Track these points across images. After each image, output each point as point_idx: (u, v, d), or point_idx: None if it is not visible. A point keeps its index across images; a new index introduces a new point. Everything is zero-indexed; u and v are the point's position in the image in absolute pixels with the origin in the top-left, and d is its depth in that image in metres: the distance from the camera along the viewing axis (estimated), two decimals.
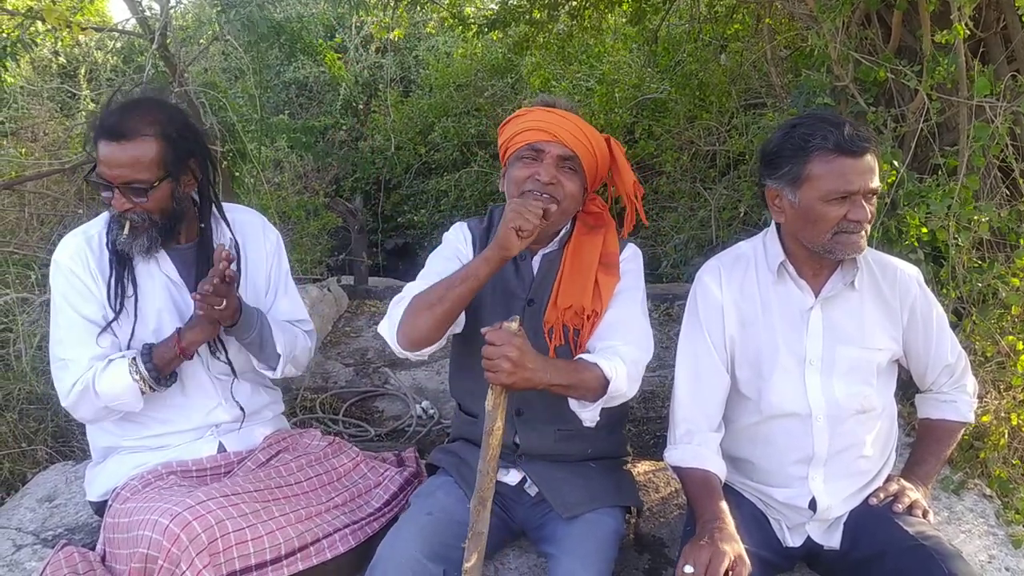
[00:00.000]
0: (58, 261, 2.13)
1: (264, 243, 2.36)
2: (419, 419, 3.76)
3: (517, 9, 5.72)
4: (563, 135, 2.02)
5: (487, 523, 1.77)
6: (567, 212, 2.10)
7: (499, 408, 1.75)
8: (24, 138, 5.64)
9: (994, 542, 2.33)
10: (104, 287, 2.12)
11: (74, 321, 2.10)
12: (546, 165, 2.02)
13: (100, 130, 2.00)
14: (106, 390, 2.07)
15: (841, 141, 1.88)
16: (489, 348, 1.74)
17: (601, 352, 1.96)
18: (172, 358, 2.10)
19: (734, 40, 5.99)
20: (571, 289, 2.06)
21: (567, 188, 2.05)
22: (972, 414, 2.19)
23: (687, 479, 2.04)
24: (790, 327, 2.08)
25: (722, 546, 1.72)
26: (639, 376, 2.01)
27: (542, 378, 1.79)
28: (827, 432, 2.05)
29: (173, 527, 1.79)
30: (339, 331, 5.01)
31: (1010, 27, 3.13)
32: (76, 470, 2.71)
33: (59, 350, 2.11)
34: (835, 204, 1.91)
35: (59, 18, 3.72)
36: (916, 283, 2.10)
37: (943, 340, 2.13)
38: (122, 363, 2.08)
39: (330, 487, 2.20)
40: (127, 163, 2.00)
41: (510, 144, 2.10)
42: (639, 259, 2.20)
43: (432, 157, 8.61)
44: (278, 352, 2.23)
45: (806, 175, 1.92)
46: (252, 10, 4.56)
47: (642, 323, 2.09)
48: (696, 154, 6.14)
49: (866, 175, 1.89)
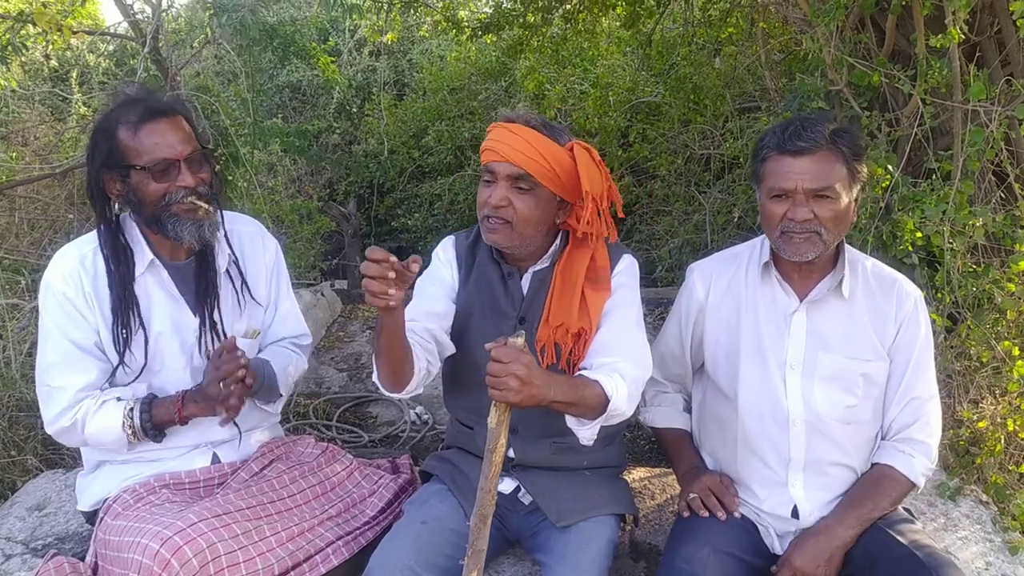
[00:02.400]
0: (50, 283, 2.04)
1: (264, 254, 2.30)
2: (413, 425, 3.74)
3: (511, 12, 5.72)
4: (511, 155, 1.93)
5: (487, 540, 1.73)
6: (526, 235, 2.00)
7: (503, 425, 1.68)
8: (15, 142, 5.61)
9: (991, 548, 2.33)
10: (99, 310, 2.04)
11: (63, 347, 2.03)
12: (498, 187, 1.96)
13: (139, 117, 1.94)
14: (95, 433, 2.03)
15: (781, 141, 1.92)
16: (495, 366, 1.65)
17: (600, 369, 1.91)
18: (169, 421, 2.05)
19: (728, 44, 5.98)
20: (561, 306, 2.02)
21: (519, 210, 1.96)
22: (922, 479, 2.04)
23: (662, 437, 2.39)
24: (773, 329, 2.09)
25: (710, 473, 2.19)
26: (638, 395, 1.97)
27: (547, 395, 1.72)
28: (804, 437, 2.05)
29: (164, 552, 1.76)
30: (332, 336, 5.00)
31: (1004, 31, 3.13)
32: (67, 479, 2.68)
33: (46, 376, 2.04)
34: (776, 202, 1.96)
35: (50, 21, 3.70)
36: (914, 301, 2.07)
37: (920, 371, 2.06)
38: (117, 410, 2.02)
39: (324, 498, 2.17)
40: (182, 135, 1.98)
41: (481, 162, 2.06)
42: (634, 271, 2.14)
43: (426, 161, 8.60)
44: (280, 393, 2.22)
45: (761, 173, 2.00)
46: (245, 14, 4.54)
47: (639, 340, 2.04)
48: (690, 158, 6.13)
49: (806, 175, 1.90)
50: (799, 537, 2.01)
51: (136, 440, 2.05)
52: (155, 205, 1.98)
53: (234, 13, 4.63)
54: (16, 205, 4.68)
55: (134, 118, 1.94)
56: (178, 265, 2.14)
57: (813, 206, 1.91)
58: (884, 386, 2.08)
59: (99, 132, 1.99)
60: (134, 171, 1.96)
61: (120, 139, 1.95)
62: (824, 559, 1.93)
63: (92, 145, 2.01)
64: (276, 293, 2.33)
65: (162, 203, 1.98)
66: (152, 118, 1.95)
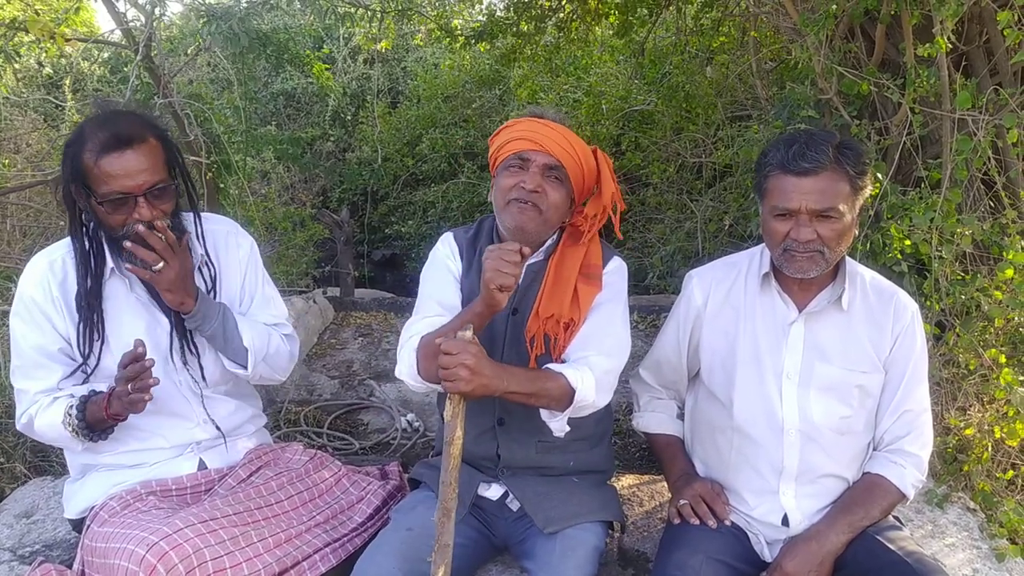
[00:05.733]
0: (20, 288, 2.08)
1: (237, 251, 2.30)
2: (404, 432, 3.73)
3: (504, 21, 5.73)
4: (549, 145, 2.03)
5: (452, 535, 1.77)
6: (550, 222, 2.09)
7: (458, 418, 1.78)
8: (7, 149, 5.60)
9: (978, 555, 2.33)
10: (66, 313, 2.06)
11: (25, 352, 2.06)
12: (532, 173, 2.03)
13: (101, 146, 1.90)
14: (42, 429, 2.07)
15: (785, 160, 1.92)
16: (445, 358, 1.76)
17: (572, 363, 1.98)
18: (101, 420, 2.02)
19: (720, 53, 6.01)
20: (552, 298, 2.06)
21: (551, 198, 2.05)
22: (912, 491, 2.05)
23: (653, 442, 2.40)
24: (771, 338, 2.09)
25: (701, 480, 2.20)
26: (611, 386, 2.04)
27: (499, 385, 1.82)
28: (798, 447, 2.06)
29: (150, 558, 1.76)
30: (324, 343, 4.98)
31: (992, 41, 3.15)
32: (55, 486, 2.68)
33: (13, 378, 2.11)
34: (780, 220, 1.96)
35: (43, 29, 3.70)
36: (911, 314, 2.08)
37: (914, 384, 2.08)
38: (60, 406, 2.03)
39: (311, 504, 2.17)
40: (146, 167, 1.93)
41: (499, 154, 2.11)
42: (623, 272, 2.20)
43: (420, 168, 8.61)
44: (245, 346, 2.17)
45: (764, 189, 1.99)
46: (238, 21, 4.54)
47: (619, 333, 2.09)
48: (682, 166, 6.15)
49: (810, 195, 1.89)
50: (790, 542, 2.02)
51: (79, 437, 2.04)
52: (114, 229, 1.99)
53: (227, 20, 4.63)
54: (8, 212, 4.67)
55: (97, 145, 1.91)
56: None
57: (816, 226, 1.91)
58: (878, 397, 2.09)
59: (69, 146, 1.97)
60: (92, 197, 1.96)
61: (84, 162, 1.93)
62: (815, 564, 1.93)
63: (63, 156, 2.00)
64: (252, 288, 2.33)
65: (119, 231, 1.98)
66: (116, 148, 1.91)
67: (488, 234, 2.22)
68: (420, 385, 2.02)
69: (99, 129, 1.93)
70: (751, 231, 3.91)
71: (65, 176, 2.00)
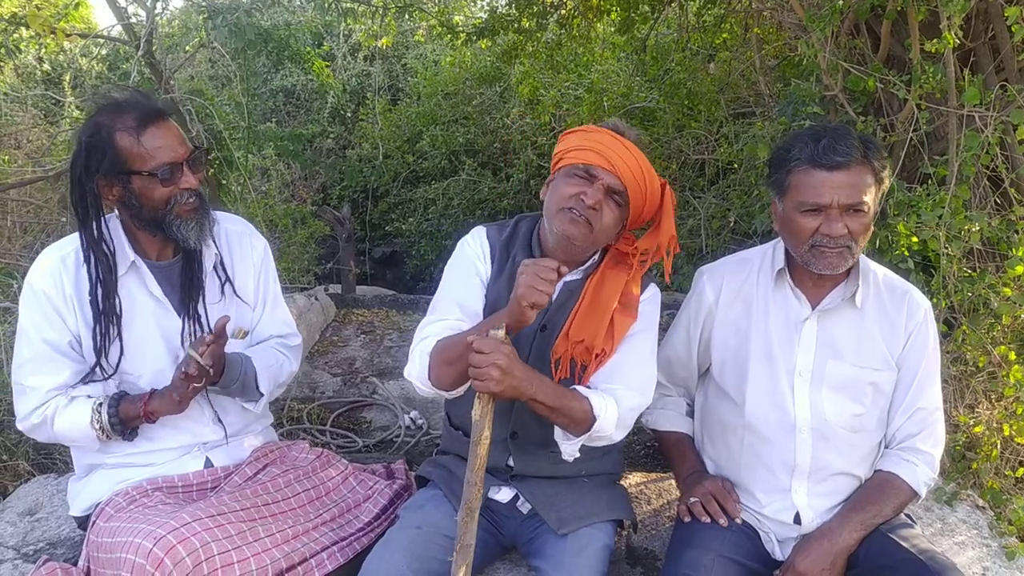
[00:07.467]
0: (31, 282, 2.03)
1: (251, 253, 2.28)
2: (407, 430, 3.72)
3: (505, 18, 5.72)
4: (621, 168, 1.94)
5: (475, 535, 1.75)
6: (598, 241, 2.02)
7: (487, 417, 1.74)
8: (7, 145, 5.58)
9: (987, 553, 2.32)
10: (78, 310, 2.04)
11: (37, 347, 2.02)
12: (595, 189, 1.94)
13: (138, 123, 1.92)
14: (63, 430, 2.03)
15: (815, 154, 1.89)
16: (476, 356, 1.72)
17: (600, 391, 1.93)
18: (136, 417, 2.04)
19: (723, 49, 5.99)
20: (586, 323, 1.99)
21: (606, 218, 1.96)
22: (924, 489, 2.04)
23: (663, 440, 2.37)
24: (784, 335, 2.08)
25: (712, 478, 2.17)
26: (630, 423, 1.99)
27: (527, 390, 1.77)
28: (810, 444, 2.04)
29: (157, 551, 1.75)
30: (326, 340, 4.97)
31: (999, 37, 3.14)
32: (59, 483, 2.66)
33: (19, 375, 2.05)
34: (809, 216, 1.92)
35: (43, 24, 3.68)
36: (924, 312, 2.07)
37: (927, 382, 2.07)
38: (85, 406, 2.02)
39: (318, 502, 2.16)
40: (180, 137, 1.99)
41: (566, 155, 2.02)
42: (657, 300, 2.15)
43: (420, 165, 8.60)
44: (261, 392, 2.19)
45: (787, 185, 1.96)
46: (239, 17, 4.53)
47: (647, 367, 2.05)
48: (685, 163, 6.14)
49: (841, 190, 1.87)
50: (803, 541, 2.00)
51: (105, 437, 2.04)
52: (159, 209, 1.98)
53: (228, 16, 4.62)
54: (8, 208, 4.65)
55: (132, 123, 1.92)
56: (162, 265, 2.12)
57: (847, 220, 1.90)
58: (891, 395, 2.08)
59: (92, 139, 1.95)
60: (138, 177, 1.94)
61: (120, 145, 1.92)
62: (828, 563, 1.92)
63: (84, 153, 1.96)
64: (264, 291, 2.31)
65: (166, 206, 1.98)
66: (152, 122, 1.94)
67: (525, 237, 2.14)
68: (429, 390, 1.97)
69: (123, 112, 1.94)
70: (755, 228, 3.89)
71: (90, 171, 1.96)
